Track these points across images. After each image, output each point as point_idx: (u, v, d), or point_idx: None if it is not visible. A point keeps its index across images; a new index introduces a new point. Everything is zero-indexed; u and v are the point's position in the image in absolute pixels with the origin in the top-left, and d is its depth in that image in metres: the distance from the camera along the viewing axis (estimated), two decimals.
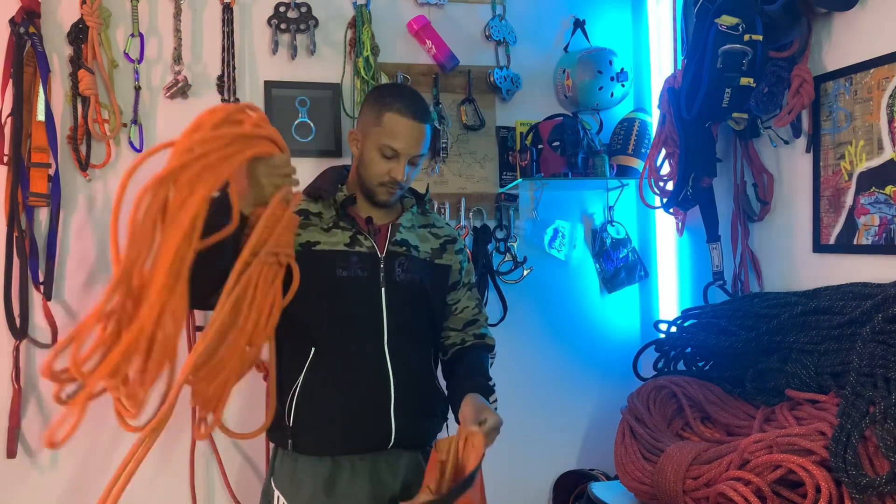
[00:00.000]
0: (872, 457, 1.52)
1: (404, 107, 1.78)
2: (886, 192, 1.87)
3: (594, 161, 2.57)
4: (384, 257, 1.81)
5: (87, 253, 2.30)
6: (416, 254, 1.87)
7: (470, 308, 1.96)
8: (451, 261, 1.94)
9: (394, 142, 1.77)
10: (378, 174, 1.80)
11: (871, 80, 1.90)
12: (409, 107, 1.79)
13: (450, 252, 1.95)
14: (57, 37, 2.25)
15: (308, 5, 2.45)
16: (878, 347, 1.64)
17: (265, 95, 2.44)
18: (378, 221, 1.86)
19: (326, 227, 1.81)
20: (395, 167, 1.79)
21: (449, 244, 1.95)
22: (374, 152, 1.79)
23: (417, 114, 1.79)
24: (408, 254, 1.84)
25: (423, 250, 1.89)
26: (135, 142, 2.32)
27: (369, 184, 1.82)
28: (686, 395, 2.11)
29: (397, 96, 1.81)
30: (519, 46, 2.67)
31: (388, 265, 1.81)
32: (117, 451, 2.32)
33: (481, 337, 1.97)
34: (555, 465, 2.75)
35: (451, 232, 1.99)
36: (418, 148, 1.80)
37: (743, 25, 2.01)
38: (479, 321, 1.98)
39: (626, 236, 2.76)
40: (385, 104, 1.79)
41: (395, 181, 1.79)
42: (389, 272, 1.81)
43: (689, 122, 2.16)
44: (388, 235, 1.84)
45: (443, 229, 1.97)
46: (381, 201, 1.84)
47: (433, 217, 1.99)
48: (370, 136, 1.80)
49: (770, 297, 2.08)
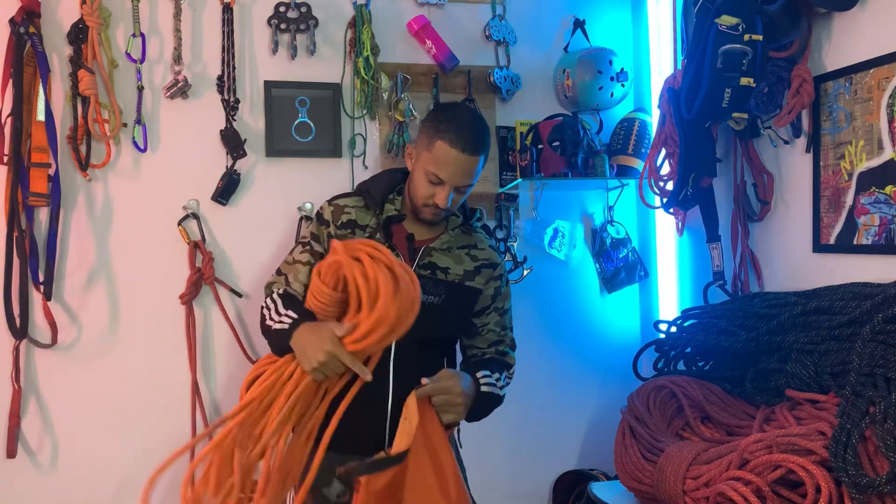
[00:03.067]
0: (872, 457, 1.52)
1: (456, 137, 1.76)
2: (886, 192, 1.87)
3: (594, 161, 2.57)
4: None
5: (87, 253, 2.30)
6: (444, 276, 1.88)
7: (495, 332, 1.99)
8: (483, 285, 1.94)
9: (440, 171, 1.77)
10: (423, 196, 1.82)
11: (871, 80, 1.90)
12: (462, 138, 1.76)
13: (484, 276, 1.94)
14: (57, 37, 2.25)
15: (308, 5, 2.45)
16: (878, 347, 1.64)
17: (265, 95, 2.44)
18: (419, 237, 1.88)
19: (367, 238, 1.83)
20: (439, 193, 1.80)
21: (485, 268, 1.94)
22: (421, 175, 1.81)
23: (468, 146, 1.76)
24: (432, 277, 1.86)
25: (453, 272, 1.89)
26: (139, 142, 2.32)
27: (415, 201, 1.85)
28: (686, 395, 2.11)
29: (452, 124, 1.78)
30: (519, 46, 2.67)
31: None
32: (117, 451, 2.33)
33: (502, 354, 1.99)
34: (555, 465, 2.75)
35: (491, 256, 1.97)
36: (465, 180, 1.80)
37: (743, 25, 2.01)
38: (505, 342, 2.00)
39: (626, 236, 2.76)
40: (439, 130, 1.78)
41: (438, 206, 1.81)
42: None
43: (689, 122, 2.16)
44: (417, 258, 1.86)
45: (483, 251, 1.96)
46: (424, 220, 1.87)
47: (477, 237, 1.98)
48: (421, 159, 1.82)
49: (770, 297, 2.08)
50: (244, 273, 2.43)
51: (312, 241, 1.89)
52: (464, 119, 1.80)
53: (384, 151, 2.55)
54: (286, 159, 2.46)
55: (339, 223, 1.87)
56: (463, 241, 1.94)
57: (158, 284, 2.35)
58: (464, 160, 1.76)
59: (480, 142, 1.79)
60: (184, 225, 2.37)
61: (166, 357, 2.36)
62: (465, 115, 1.83)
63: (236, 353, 2.40)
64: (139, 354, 2.34)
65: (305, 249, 1.89)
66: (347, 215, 1.87)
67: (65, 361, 2.29)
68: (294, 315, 1.70)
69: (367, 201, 1.89)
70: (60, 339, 2.27)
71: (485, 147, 1.81)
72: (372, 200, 1.87)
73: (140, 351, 2.34)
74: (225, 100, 2.38)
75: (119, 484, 2.33)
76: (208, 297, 2.39)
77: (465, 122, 1.78)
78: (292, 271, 1.89)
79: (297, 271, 1.88)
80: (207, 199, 2.38)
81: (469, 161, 1.77)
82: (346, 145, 2.51)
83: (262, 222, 2.44)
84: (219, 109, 2.38)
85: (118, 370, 2.33)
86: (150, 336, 2.35)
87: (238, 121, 2.39)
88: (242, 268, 2.43)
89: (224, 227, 2.41)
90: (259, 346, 2.44)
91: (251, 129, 2.43)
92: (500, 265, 1.99)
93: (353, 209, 1.88)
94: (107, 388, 2.32)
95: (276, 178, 2.45)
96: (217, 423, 1.63)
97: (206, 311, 2.41)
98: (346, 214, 1.87)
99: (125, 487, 2.33)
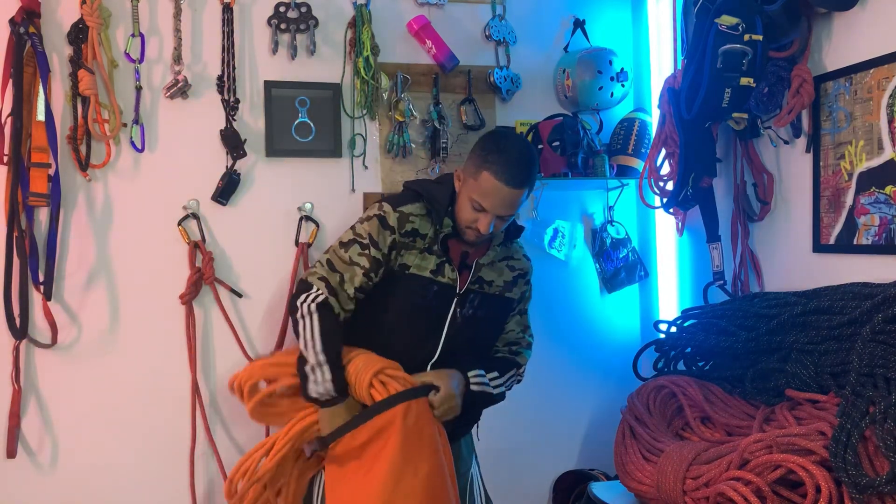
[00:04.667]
0: (872, 457, 1.52)
1: (501, 170, 1.78)
2: (886, 192, 1.87)
3: (594, 161, 2.57)
4: (461, 294, 1.91)
5: (87, 253, 2.30)
6: (489, 289, 1.96)
7: (515, 332, 2.08)
8: (517, 294, 2.03)
9: (484, 200, 1.81)
10: (466, 220, 1.86)
11: (871, 80, 1.90)
12: (507, 171, 1.78)
13: (519, 286, 2.04)
14: (57, 37, 2.25)
15: (308, 5, 2.44)
16: (878, 347, 1.64)
17: (265, 95, 2.43)
18: (471, 250, 1.94)
19: (424, 248, 1.89)
20: (482, 219, 1.83)
21: (520, 278, 2.03)
22: (466, 200, 1.85)
23: (513, 179, 1.78)
24: (480, 290, 1.94)
25: (496, 284, 1.97)
26: (136, 142, 2.32)
27: (459, 222, 1.89)
28: (686, 395, 2.11)
29: (501, 156, 1.80)
30: (519, 46, 2.67)
31: (462, 301, 1.91)
32: (117, 451, 2.33)
33: (514, 353, 2.06)
34: (555, 465, 2.75)
35: (525, 266, 2.06)
36: (508, 210, 1.84)
37: (743, 25, 2.01)
38: (521, 343, 2.08)
39: (626, 236, 2.76)
40: (486, 160, 1.80)
41: (480, 231, 1.85)
42: (460, 307, 1.91)
43: (689, 122, 2.16)
44: (470, 274, 1.92)
45: (519, 261, 2.04)
46: (466, 240, 1.91)
47: (514, 248, 2.05)
48: (467, 185, 1.85)
49: (770, 297, 2.08)
50: (244, 273, 2.43)
51: (370, 245, 1.87)
52: (513, 151, 1.82)
53: (384, 151, 2.55)
54: (286, 159, 2.46)
55: (403, 231, 1.89)
56: (504, 252, 2.01)
57: (158, 284, 2.35)
58: (507, 193, 1.79)
59: (526, 176, 1.82)
60: (184, 225, 2.36)
61: (166, 357, 2.36)
62: (514, 148, 1.84)
63: (236, 353, 2.40)
64: (139, 354, 2.34)
65: (364, 253, 1.86)
66: (412, 224, 1.89)
67: (65, 361, 2.29)
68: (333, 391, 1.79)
69: (431, 211, 1.91)
70: (60, 339, 2.26)
71: (530, 180, 1.84)
72: (436, 212, 1.90)
73: (140, 351, 2.34)
74: (225, 100, 2.38)
75: (119, 484, 2.33)
76: (208, 297, 2.39)
77: (512, 155, 1.81)
78: (349, 272, 1.86)
79: (353, 273, 1.86)
80: (207, 199, 2.38)
81: (513, 194, 1.80)
82: (346, 145, 2.51)
83: (262, 222, 2.44)
84: (219, 109, 2.38)
85: (118, 370, 2.32)
86: (150, 336, 2.35)
87: (238, 121, 2.39)
88: (242, 268, 2.43)
89: (224, 227, 2.41)
90: (259, 345, 2.44)
91: (251, 129, 2.42)
92: (531, 271, 2.08)
93: (416, 217, 1.90)
94: (107, 387, 2.31)
95: (276, 178, 2.45)
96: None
97: (206, 311, 2.40)
98: (411, 223, 1.89)
99: (125, 487, 2.33)
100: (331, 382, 1.78)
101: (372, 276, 1.86)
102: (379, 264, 1.86)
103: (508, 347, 2.06)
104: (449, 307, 1.90)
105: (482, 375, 1.92)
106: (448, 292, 1.90)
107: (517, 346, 2.07)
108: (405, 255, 1.87)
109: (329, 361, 1.78)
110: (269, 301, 2.44)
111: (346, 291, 1.85)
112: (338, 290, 1.85)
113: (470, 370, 1.91)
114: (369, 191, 2.53)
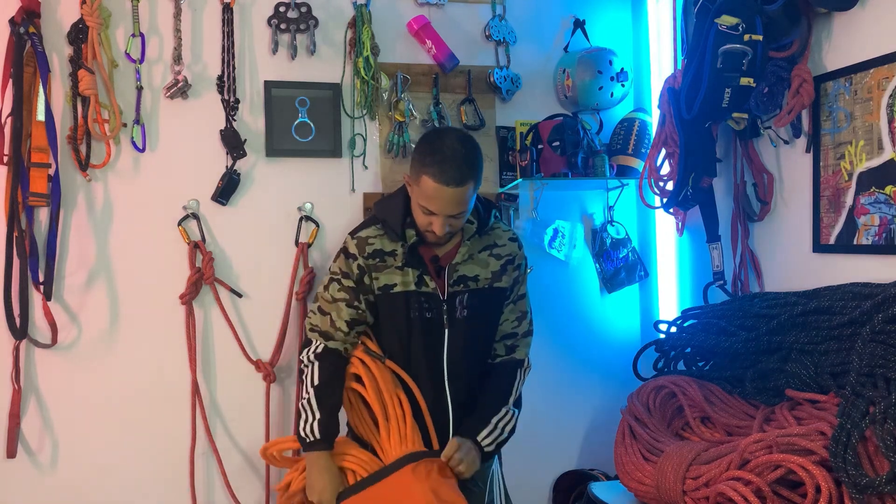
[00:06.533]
0: (872, 457, 1.52)
1: (439, 171, 1.77)
2: (886, 192, 1.87)
3: (594, 161, 2.57)
4: (446, 300, 1.92)
5: (87, 253, 2.30)
6: (475, 285, 1.95)
7: (510, 321, 2.05)
8: (507, 282, 2.01)
9: (430, 204, 1.81)
10: (422, 224, 1.87)
11: (871, 80, 1.90)
12: (445, 172, 1.77)
13: (509, 273, 2.01)
14: (57, 37, 2.25)
15: (308, 5, 2.45)
16: (878, 347, 1.64)
17: (265, 95, 2.43)
18: (442, 253, 1.94)
19: (400, 266, 1.90)
20: (434, 222, 1.84)
21: (508, 265, 2.00)
22: (416, 205, 1.86)
23: (453, 179, 1.77)
24: (466, 289, 1.93)
25: (482, 278, 1.96)
26: (137, 141, 2.32)
27: (418, 227, 1.89)
28: (686, 395, 2.11)
29: (434, 156, 1.79)
30: (519, 46, 2.67)
31: (450, 305, 1.92)
32: (117, 451, 2.32)
33: (512, 350, 2.04)
34: (555, 465, 2.75)
35: (512, 250, 2.02)
36: (456, 209, 1.82)
37: (743, 25, 2.01)
38: (518, 334, 2.06)
39: (626, 236, 2.76)
40: (424, 164, 1.80)
41: (436, 234, 1.85)
42: (452, 312, 1.92)
43: (689, 122, 2.16)
44: (446, 278, 1.92)
45: (504, 247, 2.00)
46: (430, 242, 1.92)
47: (496, 234, 2.01)
48: (413, 191, 1.86)
49: (770, 297, 2.08)
50: (244, 273, 2.43)
51: (342, 278, 1.94)
52: (447, 151, 1.79)
53: (384, 151, 2.55)
54: (286, 159, 2.46)
55: (366, 254, 1.92)
56: (482, 243, 1.98)
57: (158, 284, 2.35)
58: (450, 193, 1.79)
59: (466, 172, 1.79)
60: (184, 225, 2.36)
61: (166, 357, 2.36)
62: (449, 147, 1.80)
63: (236, 353, 2.40)
64: (139, 354, 2.34)
65: (341, 287, 1.94)
66: (371, 246, 1.92)
67: (65, 361, 2.29)
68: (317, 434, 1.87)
69: (387, 231, 1.92)
70: (60, 339, 2.26)
71: (471, 176, 1.81)
72: (392, 232, 1.91)
73: (140, 351, 2.34)
74: (225, 100, 2.38)
75: (119, 484, 2.33)
76: (208, 297, 2.39)
77: (447, 155, 1.78)
78: (335, 309, 1.94)
79: (339, 309, 1.94)
80: (207, 199, 2.38)
81: (456, 193, 1.79)
82: (346, 145, 2.51)
83: (262, 222, 2.44)
84: (219, 109, 2.38)
85: (118, 370, 2.33)
86: (150, 336, 2.35)
87: (238, 121, 2.39)
88: (242, 268, 2.43)
89: (224, 227, 2.41)
90: (259, 345, 2.44)
91: (251, 129, 2.43)
92: (519, 254, 2.04)
93: (375, 239, 1.92)
94: (107, 387, 2.32)
95: (276, 178, 2.45)
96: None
97: (206, 311, 2.40)
98: (371, 245, 1.92)
99: (125, 487, 2.33)
100: (316, 426, 1.87)
101: (357, 304, 1.93)
102: (356, 293, 1.93)
103: (504, 343, 2.04)
104: (442, 313, 1.93)
105: (492, 431, 1.93)
106: (435, 301, 1.92)
107: (513, 340, 2.05)
108: (380, 276, 1.92)
109: (320, 408, 1.88)
110: (269, 301, 2.45)
111: (340, 329, 1.94)
112: (331, 331, 1.94)
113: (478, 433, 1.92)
114: (369, 191, 2.53)
